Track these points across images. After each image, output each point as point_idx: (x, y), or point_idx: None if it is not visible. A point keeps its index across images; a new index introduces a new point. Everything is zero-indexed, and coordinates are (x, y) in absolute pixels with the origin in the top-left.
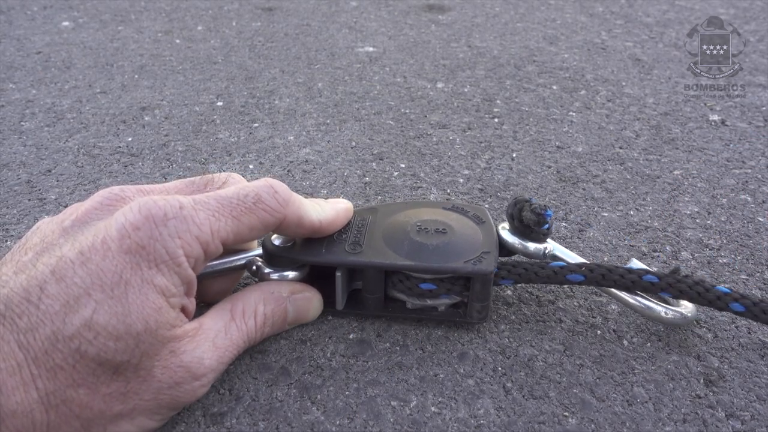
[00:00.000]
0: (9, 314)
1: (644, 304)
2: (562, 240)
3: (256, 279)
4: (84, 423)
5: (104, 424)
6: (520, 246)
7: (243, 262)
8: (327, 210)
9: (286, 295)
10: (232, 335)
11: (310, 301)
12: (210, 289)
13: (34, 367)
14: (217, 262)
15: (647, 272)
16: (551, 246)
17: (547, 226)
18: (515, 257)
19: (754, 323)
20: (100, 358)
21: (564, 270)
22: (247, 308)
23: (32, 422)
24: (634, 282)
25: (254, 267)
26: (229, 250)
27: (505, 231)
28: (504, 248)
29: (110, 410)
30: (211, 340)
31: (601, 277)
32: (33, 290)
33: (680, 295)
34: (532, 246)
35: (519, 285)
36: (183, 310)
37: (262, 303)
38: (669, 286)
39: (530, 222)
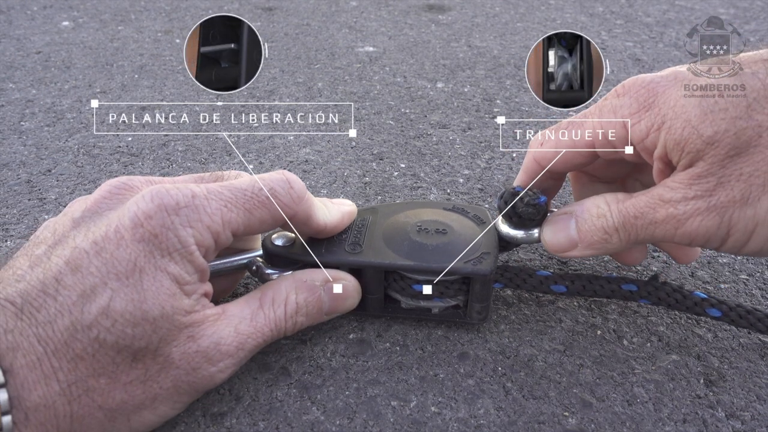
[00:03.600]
0: (27, 308)
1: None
2: None
3: (257, 279)
4: (107, 414)
5: (127, 414)
6: (524, 236)
7: (244, 262)
8: (333, 212)
9: (319, 284)
10: (258, 322)
11: (347, 289)
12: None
13: (55, 360)
14: (218, 262)
15: (626, 281)
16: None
17: (544, 211)
18: (509, 261)
19: None
20: (119, 345)
21: (548, 280)
22: (277, 296)
23: (55, 415)
24: (614, 291)
25: (254, 267)
26: (230, 250)
27: (504, 226)
28: (510, 243)
29: (132, 400)
30: (234, 326)
31: (582, 287)
32: (50, 282)
33: (659, 302)
34: (536, 232)
35: None
36: (205, 295)
37: (294, 291)
38: (648, 294)
39: (530, 216)
